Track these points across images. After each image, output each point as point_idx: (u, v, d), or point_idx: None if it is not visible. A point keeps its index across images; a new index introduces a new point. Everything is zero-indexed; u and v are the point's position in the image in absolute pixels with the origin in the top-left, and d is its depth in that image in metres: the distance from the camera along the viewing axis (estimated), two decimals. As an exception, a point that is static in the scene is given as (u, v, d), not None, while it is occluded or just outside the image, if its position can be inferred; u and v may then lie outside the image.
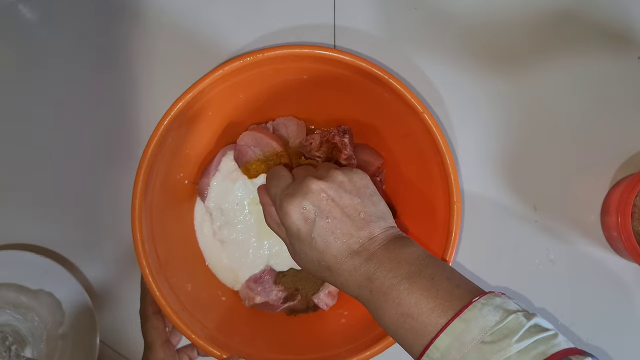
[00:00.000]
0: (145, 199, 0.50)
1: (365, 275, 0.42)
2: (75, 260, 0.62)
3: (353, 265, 0.43)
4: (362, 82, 0.52)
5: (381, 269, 0.42)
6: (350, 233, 0.44)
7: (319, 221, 0.44)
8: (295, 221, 0.45)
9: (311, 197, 0.44)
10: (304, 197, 0.45)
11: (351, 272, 0.43)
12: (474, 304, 0.38)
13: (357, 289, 0.43)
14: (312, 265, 0.45)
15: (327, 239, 0.44)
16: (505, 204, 0.60)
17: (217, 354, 0.50)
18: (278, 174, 0.49)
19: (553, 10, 0.61)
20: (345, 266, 0.43)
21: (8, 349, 0.55)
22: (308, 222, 0.44)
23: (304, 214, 0.44)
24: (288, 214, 0.45)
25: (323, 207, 0.44)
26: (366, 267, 0.43)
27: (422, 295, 0.40)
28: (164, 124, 0.50)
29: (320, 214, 0.44)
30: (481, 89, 0.61)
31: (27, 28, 0.62)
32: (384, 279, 0.42)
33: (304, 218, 0.44)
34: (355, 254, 0.43)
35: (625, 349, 0.59)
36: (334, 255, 0.44)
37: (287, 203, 0.45)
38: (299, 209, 0.44)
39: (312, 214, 0.44)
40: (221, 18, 0.61)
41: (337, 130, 0.56)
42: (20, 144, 0.62)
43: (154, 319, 0.52)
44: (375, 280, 0.42)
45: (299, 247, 0.45)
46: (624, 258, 0.59)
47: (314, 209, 0.44)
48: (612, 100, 0.60)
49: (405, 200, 0.58)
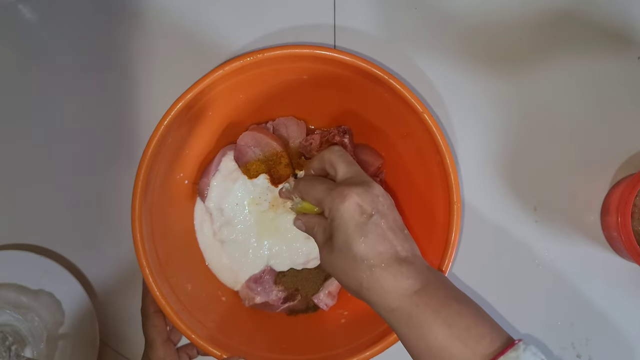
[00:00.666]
0: (145, 199, 0.50)
1: (413, 287, 0.41)
2: (75, 260, 0.62)
3: (400, 271, 0.42)
4: (362, 82, 0.52)
5: (430, 286, 0.41)
6: (399, 241, 0.43)
7: (375, 217, 0.43)
8: (351, 210, 0.43)
9: (372, 195, 0.44)
10: (366, 191, 0.44)
11: (397, 278, 0.42)
12: (518, 345, 0.39)
13: (398, 297, 0.41)
14: (350, 264, 0.43)
15: (379, 237, 0.43)
16: (505, 203, 0.60)
17: (217, 354, 0.50)
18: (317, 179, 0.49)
19: (553, 10, 0.61)
20: (391, 269, 0.42)
21: (8, 349, 0.55)
22: (363, 216, 0.43)
23: (362, 206, 0.43)
24: (348, 200, 0.43)
25: (380, 208, 0.44)
26: (415, 279, 0.42)
27: (471, 320, 0.40)
28: (164, 124, 0.50)
29: (377, 212, 0.44)
30: (481, 89, 0.61)
31: (27, 28, 0.62)
32: (434, 296, 0.41)
33: (360, 210, 0.43)
34: (404, 261, 0.42)
35: (626, 349, 0.59)
36: (381, 254, 0.42)
37: (350, 191, 0.44)
38: (359, 199, 0.44)
39: (369, 209, 0.43)
40: (221, 18, 0.61)
41: (337, 130, 0.56)
42: (21, 143, 0.62)
43: (155, 318, 0.52)
44: (425, 296, 0.41)
45: (344, 239, 0.43)
46: (624, 258, 0.59)
47: (372, 205, 0.44)
48: (612, 100, 0.60)
49: (405, 200, 0.58)
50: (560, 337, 0.60)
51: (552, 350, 0.59)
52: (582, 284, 0.60)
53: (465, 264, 0.59)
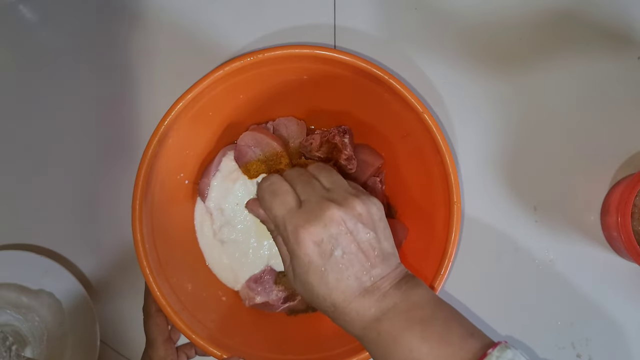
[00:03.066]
0: (146, 199, 0.50)
1: (374, 316, 0.40)
2: (75, 260, 0.62)
3: (363, 306, 0.41)
4: (362, 82, 0.52)
5: (393, 311, 0.40)
6: (365, 270, 0.41)
7: (335, 256, 0.41)
8: (309, 253, 0.41)
9: (330, 229, 0.41)
10: (323, 228, 0.41)
11: (359, 312, 0.41)
12: (489, 357, 0.37)
13: (361, 329, 0.41)
14: (315, 299, 0.42)
15: (340, 275, 0.41)
16: (505, 203, 0.60)
17: (218, 353, 0.50)
18: (280, 189, 0.45)
19: (553, 10, 0.61)
20: (353, 305, 0.41)
21: (8, 349, 0.55)
22: (323, 256, 0.41)
23: (320, 246, 0.41)
24: (302, 243, 0.41)
25: (341, 240, 0.41)
26: (377, 308, 0.40)
27: (435, 342, 0.38)
28: (164, 124, 0.50)
29: (337, 248, 0.41)
30: (481, 89, 0.61)
31: (27, 28, 0.62)
32: (395, 321, 0.40)
33: (319, 251, 0.41)
34: (367, 294, 0.41)
35: (626, 349, 0.59)
36: (344, 292, 0.41)
37: (304, 231, 0.41)
38: (316, 239, 0.41)
39: (329, 247, 0.41)
40: (221, 18, 0.61)
41: (337, 130, 0.56)
42: (21, 143, 0.62)
43: (157, 316, 0.52)
44: (385, 322, 0.40)
45: (304, 278, 0.42)
46: (624, 258, 0.59)
47: (331, 242, 0.41)
48: (612, 100, 0.60)
49: (405, 200, 0.58)
50: (560, 337, 0.60)
51: (552, 349, 0.59)
52: (582, 283, 0.60)
53: (465, 264, 0.59)
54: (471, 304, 0.59)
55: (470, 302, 0.59)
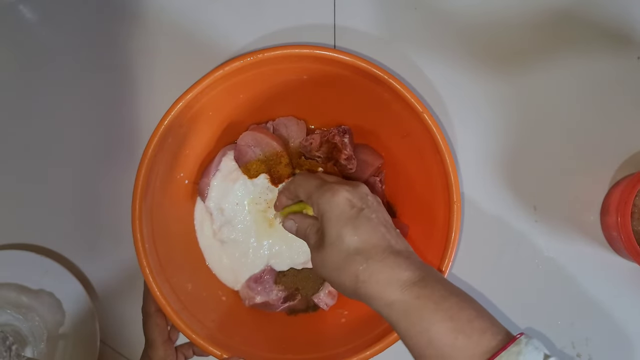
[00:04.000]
0: (146, 199, 0.50)
1: (411, 279, 0.41)
2: (75, 260, 0.62)
3: (398, 263, 0.41)
4: (362, 82, 0.52)
5: (428, 279, 0.41)
6: (392, 236, 0.44)
7: (366, 211, 0.44)
8: (341, 204, 0.44)
9: (360, 193, 0.45)
10: (354, 189, 0.45)
11: (394, 269, 0.41)
12: (520, 339, 0.38)
13: (397, 289, 0.41)
14: (345, 256, 0.42)
15: (372, 230, 0.43)
16: (505, 204, 0.60)
17: (218, 353, 0.50)
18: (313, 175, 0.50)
19: (553, 10, 0.61)
20: (388, 261, 0.41)
21: (9, 349, 0.55)
22: (354, 209, 0.44)
23: (351, 200, 0.44)
24: (336, 194, 0.44)
25: (370, 204, 0.45)
26: (412, 271, 0.41)
27: (472, 314, 0.39)
28: (164, 124, 0.50)
29: (367, 207, 0.45)
30: (481, 89, 0.61)
31: (27, 28, 0.62)
32: (434, 288, 0.40)
33: (350, 204, 0.44)
34: (399, 254, 0.42)
35: (626, 349, 0.59)
36: (376, 245, 0.42)
37: (338, 186, 0.45)
38: (347, 194, 0.45)
39: (359, 203, 0.44)
40: (221, 18, 0.61)
41: (337, 130, 0.56)
42: (21, 143, 0.62)
43: (156, 317, 0.52)
44: (424, 288, 0.40)
45: (336, 231, 0.43)
46: (624, 258, 0.59)
47: (361, 201, 0.45)
48: (612, 100, 0.60)
49: (405, 200, 0.58)
50: (560, 337, 0.60)
51: (552, 349, 0.59)
52: (582, 283, 0.60)
53: (465, 263, 0.59)
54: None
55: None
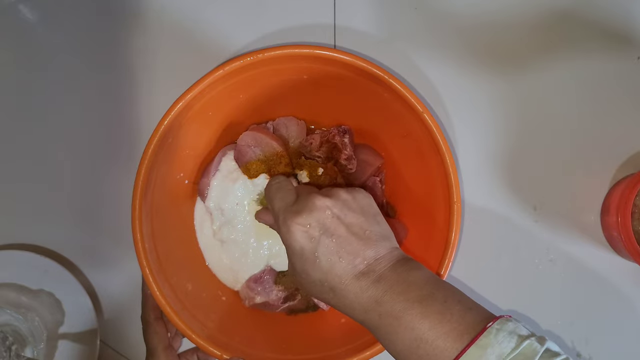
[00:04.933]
0: (146, 199, 0.50)
1: (373, 298, 0.41)
2: (75, 260, 0.62)
3: (359, 286, 0.41)
4: (362, 82, 0.52)
5: (391, 292, 0.41)
6: (356, 252, 0.42)
7: (324, 240, 0.42)
8: (299, 239, 0.43)
9: (316, 214, 0.43)
10: (309, 214, 0.43)
11: (357, 294, 0.42)
12: (489, 330, 0.38)
13: (363, 312, 0.42)
14: (314, 287, 0.44)
15: (332, 258, 0.42)
16: (505, 203, 0.60)
17: (218, 353, 0.50)
18: (283, 187, 0.47)
19: (553, 10, 0.61)
20: (351, 287, 0.42)
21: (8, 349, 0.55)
22: (312, 241, 0.43)
23: (308, 232, 0.43)
24: (291, 231, 0.43)
25: (328, 224, 0.43)
26: (374, 290, 0.41)
27: (435, 319, 0.39)
28: (164, 124, 0.50)
29: (325, 232, 0.43)
30: (481, 88, 0.61)
31: (27, 28, 0.62)
32: (394, 302, 0.40)
33: (308, 236, 0.43)
34: (362, 275, 0.42)
35: (626, 349, 0.59)
36: (339, 275, 0.42)
37: (292, 220, 0.43)
38: (304, 226, 0.43)
39: (316, 232, 0.43)
40: (221, 18, 0.61)
41: (337, 130, 0.56)
42: (20, 143, 0.62)
43: (156, 325, 0.52)
44: (385, 304, 0.40)
45: (300, 266, 0.44)
46: (624, 258, 0.59)
47: (318, 226, 0.43)
48: (612, 100, 0.60)
49: (405, 200, 0.58)
50: (560, 337, 0.60)
51: (552, 350, 0.60)
52: (582, 283, 0.60)
53: (465, 263, 0.59)
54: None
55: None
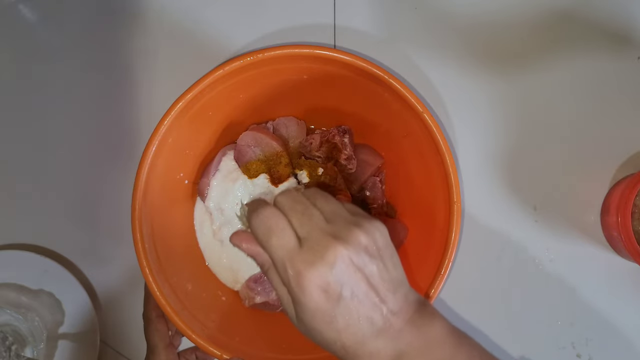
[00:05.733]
0: (145, 199, 0.50)
1: (391, 357, 0.37)
2: (75, 260, 0.62)
3: (377, 347, 0.37)
4: (362, 82, 0.52)
5: (410, 352, 0.37)
6: (376, 308, 0.38)
7: (344, 300, 0.37)
8: (315, 299, 0.37)
9: (336, 270, 0.37)
10: (328, 270, 0.37)
11: (373, 355, 0.37)
12: None
13: None
14: (323, 343, 0.39)
15: (350, 318, 0.37)
16: (505, 204, 0.60)
17: (218, 353, 0.50)
18: (276, 225, 0.39)
19: (553, 10, 0.61)
20: (367, 348, 0.37)
21: (8, 349, 0.55)
22: (331, 301, 0.37)
23: (328, 291, 0.37)
24: (307, 290, 0.37)
25: (349, 280, 0.37)
26: (392, 348, 0.37)
27: None
28: (164, 124, 0.50)
29: (345, 289, 0.37)
30: (481, 88, 0.61)
31: (27, 28, 0.62)
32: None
33: (326, 296, 0.37)
34: (379, 333, 0.38)
35: (626, 349, 0.59)
36: (355, 334, 0.37)
37: (308, 276, 0.37)
38: (322, 284, 0.37)
39: (337, 290, 0.37)
40: (221, 18, 0.61)
41: (337, 130, 0.56)
42: (20, 143, 0.62)
43: (157, 322, 0.52)
44: None
45: (310, 325, 0.38)
46: (624, 258, 0.59)
47: (339, 284, 0.37)
48: (612, 100, 0.60)
49: (405, 200, 0.58)
50: (560, 337, 0.60)
51: (552, 349, 0.59)
52: (582, 283, 0.60)
53: (465, 263, 0.59)
54: (471, 304, 0.59)
55: (470, 302, 0.59)
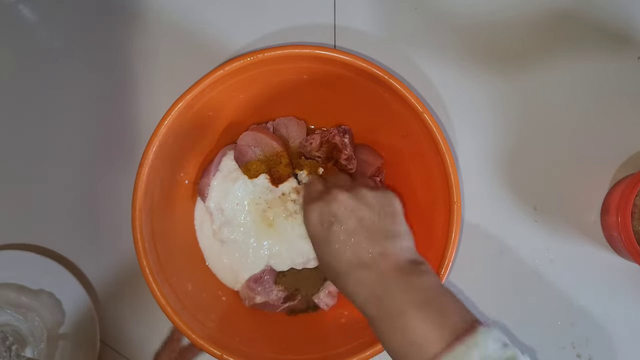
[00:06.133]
0: (146, 199, 0.50)
1: (373, 292, 0.43)
2: (75, 260, 0.62)
3: (359, 277, 0.44)
4: (362, 82, 0.52)
5: (391, 291, 0.42)
6: (362, 244, 0.45)
7: (334, 227, 0.45)
8: (312, 222, 0.47)
9: (332, 204, 0.46)
10: (325, 203, 0.46)
11: (358, 284, 0.44)
12: (477, 332, 0.39)
13: (363, 302, 0.43)
14: (325, 269, 0.47)
15: (339, 245, 0.45)
16: (505, 204, 0.60)
17: (218, 353, 0.50)
18: (314, 184, 0.52)
19: (553, 10, 0.61)
20: (352, 276, 0.44)
21: (8, 349, 0.55)
22: (324, 227, 0.46)
23: (320, 218, 0.46)
24: (307, 215, 0.47)
25: (340, 214, 0.46)
26: (375, 285, 0.43)
27: (429, 326, 0.40)
28: (164, 124, 0.50)
29: (336, 221, 0.45)
30: (481, 88, 0.61)
31: (27, 28, 0.62)
32: (393, 301, 0.42)
33: (320, 221, 0.46)
34: (364, 267, 0.44)
35: (626, 349, 0.59)
36: (343, 262, 0.45)
37: (309, 205, 0.47)
38: (317, 213, 0.47)
39: (327, 219, 0.46)
40: (221, 18, 0.61)
41: (337, 130, 0.56)
42: (21, 143, 0.62)
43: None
44: (384, 301, 0.42)
45: (316, 248, 0.48)
46: (624, 258, 0.59)
47: (331, 214, 0.46)
48: (612, 100, 0.60)
49: (405, 200, 0.58)
50: (560, 337, 0.60)
51: (552, 349, 0.59)
52: (582, 283, 0.60)
53: (465, 264, 0.59)
54: (471, 303, 0.59)
55: (470, 302, 0.59)
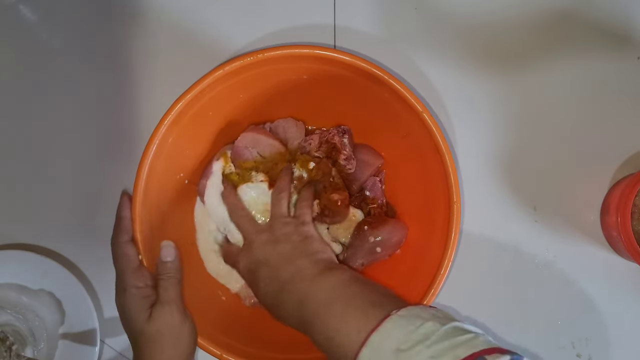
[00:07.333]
0: (146, 199, 0.50)
1: (295, 306, 0.46)
2: (75, 260, 0.62)
3: (284, 298, 0.47)
4: (362, 82, 0.52)
5: (306, 299, 0.46)
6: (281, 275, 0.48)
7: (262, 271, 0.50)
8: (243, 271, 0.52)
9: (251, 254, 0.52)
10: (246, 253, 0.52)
11: (287, 303, 0.47)
12: (392, 317, 0.40)
13: (295, 322, 0.47)
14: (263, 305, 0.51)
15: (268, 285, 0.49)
16: (505, 204, 0.60)
17: (218, 353, 0.50)
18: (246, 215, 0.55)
19: (553, 10, 0.61)
20: (282, 298, 0.48)
21: (9, 349, 0.55)
22: (252, 273, 0.51)
23: (248, 267, 0.51)
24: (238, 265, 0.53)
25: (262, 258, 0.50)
26: (295, 298, 0.47)
27: (339, 319, 0.43)
28: (164, 124, 0.50)
29: (259, 265, 0.50)
30: (481, 88, 0.61)
31: (27, 28, 0.62)
32: (308, 306, 0.45)
33: (248, 271, 0.51)
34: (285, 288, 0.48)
35: (626, 349, 0.59)
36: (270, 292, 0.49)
37: (238, 257, 0.53)
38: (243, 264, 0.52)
39: (253, 267, 0.51)
40: (221, 18, 0.61)
41: (336, 130, 0.56)
42: (21, 143, 0.62)
43: (125, 247, 0.51)
44: (303, 309, 0.46)
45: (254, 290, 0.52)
46: (624, 258, 0.59)
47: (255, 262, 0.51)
48: (612, 100, 0.60)
49: (405, 200, 0.58)
50: (560, 337, 0.60)
51: (552, 349, 0.59)
52: (582, 283, 0.60)
53: (465, 263, 0.59)
54: (471, 303, 0.59)
55: (470, 301, 0.59)
